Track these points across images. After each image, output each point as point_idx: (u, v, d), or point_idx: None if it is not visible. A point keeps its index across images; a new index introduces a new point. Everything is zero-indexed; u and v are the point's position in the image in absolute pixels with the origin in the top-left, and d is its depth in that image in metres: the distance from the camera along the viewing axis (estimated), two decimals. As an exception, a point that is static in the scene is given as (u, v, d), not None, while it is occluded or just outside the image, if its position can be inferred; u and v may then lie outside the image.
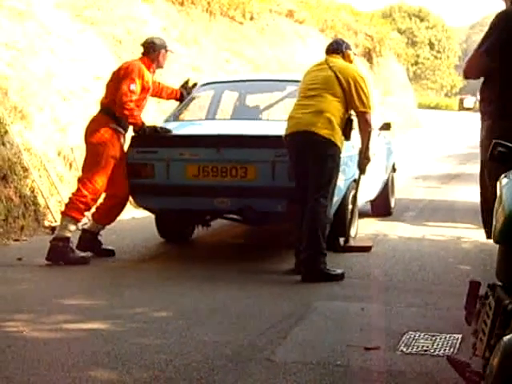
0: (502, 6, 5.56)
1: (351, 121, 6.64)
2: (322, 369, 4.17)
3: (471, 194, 12.47)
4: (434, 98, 60.34)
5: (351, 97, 6.53)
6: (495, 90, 5.23)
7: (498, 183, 3.29)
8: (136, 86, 7.15)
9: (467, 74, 5.49)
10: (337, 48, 6.89)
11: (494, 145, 3.33)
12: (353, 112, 6.64)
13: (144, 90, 7.27)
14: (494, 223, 2.86)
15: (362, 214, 8.96)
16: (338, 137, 6.44)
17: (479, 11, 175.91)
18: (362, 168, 7.14)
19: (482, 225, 8.80)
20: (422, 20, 61.94)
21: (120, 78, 7.20)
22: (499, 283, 2.89)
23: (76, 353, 4.41)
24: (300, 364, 4.25)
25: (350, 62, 6.84)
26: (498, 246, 7.53)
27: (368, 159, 7.04)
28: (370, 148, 6.99)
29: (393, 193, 10.42)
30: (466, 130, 33.09)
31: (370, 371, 4.15)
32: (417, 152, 20.59)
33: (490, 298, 2.93)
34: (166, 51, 7.66)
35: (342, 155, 6.59)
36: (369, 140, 6.87)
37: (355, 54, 7.02)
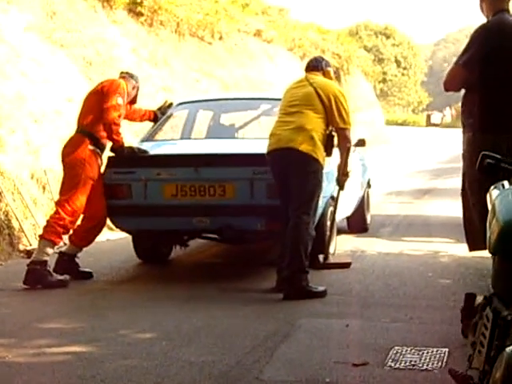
0: (466, 22, 5.61)
1: (332, 137, 6.64)
2: (312, 386, 4.14)
3: (445, 208, 12.61)
4: (401, 114, 60.90)
5: (332, 113, 6.53)
6: (475, 103, 5.25)
7: (488, 195, 3.29)
8: (122, 101, 7.13)
9: (447, 87, 5.51)
10: (316, 65, 6.90)
11: (482, 156, 3.33)
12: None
13: (124, 106, 7.25)
14: (488, 235, 2.85)
15: (339, 231, 8.94)
16: (319, 153, 6.43)
17: (443, 28, 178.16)
18: (341, 184, 7.13)
19: (458, 239, 8.89)
20: (388, 37, 62.53)
21: (104, 94, 7.15)
22: (495, 294, 2.88)
23: (61, 377, 4.34)
24: (289, 382, 4.22)
25: (330, 79, 6.86)
26: (477, 259, 7.57)
27: (347, 175, 7.05)
28: (348, 164, 7.00)
29: (368, 209, 10.45)
30: (434, 145, 33.44)
31: (359, 387, 4.12)
32: (388, 168, 20.68)
33: (487, 310, 2.91)
34: (138, 89, 7.69)
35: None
36: (348, 156, 6.88)
37: (335, 73, 7.03)
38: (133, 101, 7.68)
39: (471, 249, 5.47)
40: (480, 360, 2.82)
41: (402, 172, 21.14)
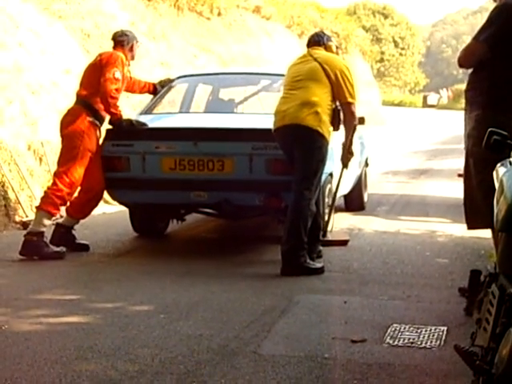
0: (464, 4, 5.50)
1: (339, 111, 6.59)
2: (310, 362, 4.13)
3: (441, 188, 12.63)
4: (397, 95, 60.87)
5: (339, 87, 6.47)
6: (487, 81, 5.17)
7: (495, 173, 3.26)
8: (120, 74, 7.06)
9: (463, 63, 5.41)
10: (318, 40, 6.83)
11: (489, 133, 3.30)
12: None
13: (123, 80, 7.19)
14: (495, 212, 2.82)
15: (336, 209, 8.92)
16: (325, 128, 6.37)
17: (442, 9, 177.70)
18: (345, 162, 7.08)
19: (455, 219, 8.89)
20: (386, 17, 62.28)
21: (102, 66, 7.08)
22: (501, 271, 2.85)
23: (58, 347, 4.32)
24: (287, 357, 4.20)
25: (332, 53, 6.79)
26: (474, 239, 7.56)
27: (352, 154, 7.01)
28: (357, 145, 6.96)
29: (366, 187, 10.43)
30: (430, 126, 33.45)
31: (358, 364, 4.11)
32: (384, 148, 20.65)
33: (492, 287, 2.89)
34: (137, 42, 7.60)
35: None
36: (353, 134, 6.83)
37: (337, 47, 6.97)
38: (132, 57, 7.56)
39: (470, 227, 5.43)
40: (485, 337, 2.80)
41: (399, 152, 21.12)
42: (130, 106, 12.22)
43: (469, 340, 3.52)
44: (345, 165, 7.11)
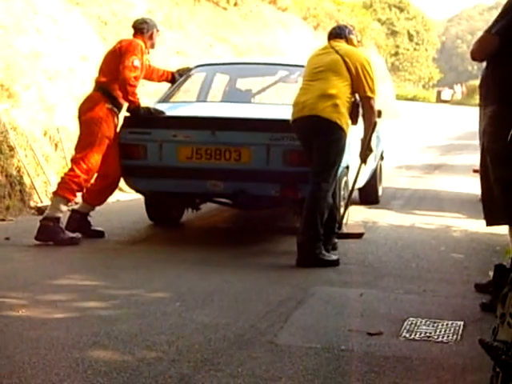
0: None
1: (358, 105, 6.56)
2: (327, 353, 4.10)
3: (455, 184, 12.61)
4: (411, 89, 60.67)
5: (359, 81, 6.43)
6: (500, 75, 5.12)
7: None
8: (139, 62, 7.06)
9: (474, 55, 5.34)
10: (340, 33, 6.80)
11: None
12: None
13: (142, 68, 7.18)
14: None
15: (350, 202, 8.90)
16: (344, 120, 6.34)
17: (458, 4, 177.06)
18: (363, 159, 7.04)
19: (470, 214, 8.88)
20: (401, 11, 62.05)
21: (121, 53, 7.08)
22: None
23: (75, 333, 4.31)
24: (304, 348, 4.18)
25: (354, 46, 6.77)
26: (489, 235, 7.53)
27: (371, 150, 6.97)
28: (372, 138, 6.93)
29: (380, 181, 10.43)
30: (443, 121, 33.36)
31: (375, 356, 4.09)
32: (397, 142, 20.59)
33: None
34: (157, 31, 7.59)
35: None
36: (373, 130, 6.79)
37: (358, 41, 6.94)
38: (152, 45, 7.56)
39: (488, 224, 5.39)
40: (509, 332, 2.79)
41: (412, 147, 21.09)
42: (146, 95, 12.22)
43: (486, 335, 3.50)
44: (363, 161, 7.07)
